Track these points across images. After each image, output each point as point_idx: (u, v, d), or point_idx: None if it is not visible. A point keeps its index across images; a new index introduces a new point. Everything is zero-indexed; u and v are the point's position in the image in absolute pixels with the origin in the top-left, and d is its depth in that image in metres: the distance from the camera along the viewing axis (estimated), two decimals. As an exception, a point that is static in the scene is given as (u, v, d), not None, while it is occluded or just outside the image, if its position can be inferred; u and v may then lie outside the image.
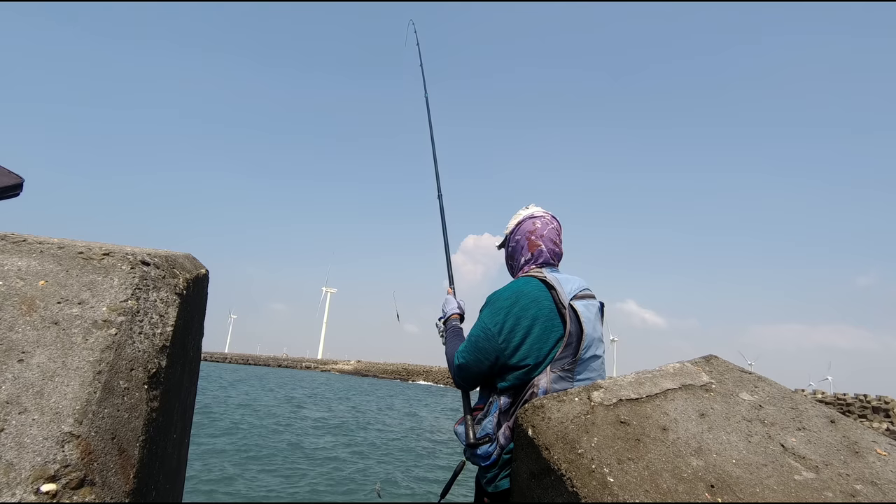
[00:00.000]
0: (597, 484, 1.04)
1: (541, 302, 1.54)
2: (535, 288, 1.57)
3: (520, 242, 1.77)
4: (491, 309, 1.57)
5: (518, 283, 1.62)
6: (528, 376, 1.51)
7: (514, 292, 1.57)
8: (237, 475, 8.34)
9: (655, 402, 1.23)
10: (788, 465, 1.04)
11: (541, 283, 1.59)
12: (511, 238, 1.81)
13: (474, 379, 1.62)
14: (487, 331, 1.54)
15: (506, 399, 1.54)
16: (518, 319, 1.52)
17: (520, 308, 1.53)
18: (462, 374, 1.62)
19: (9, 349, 1.03)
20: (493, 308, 1.57)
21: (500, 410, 1.53)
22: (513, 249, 1.79)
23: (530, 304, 1.53)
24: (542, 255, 1.73)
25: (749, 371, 1.38)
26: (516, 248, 1.78)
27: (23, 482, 0.86)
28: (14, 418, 0.93)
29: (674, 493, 0.98)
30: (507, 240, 1.84)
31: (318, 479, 8.63)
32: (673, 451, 1.08)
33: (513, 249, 1.79)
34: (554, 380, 1.50)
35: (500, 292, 1.60)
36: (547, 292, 1.56)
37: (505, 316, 1.53)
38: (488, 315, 1.56)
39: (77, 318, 1.12)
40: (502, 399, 1.54)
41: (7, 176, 1.36)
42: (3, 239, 1.27)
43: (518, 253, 1.77)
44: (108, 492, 0.97)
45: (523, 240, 1.76)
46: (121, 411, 1.06)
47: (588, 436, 1.15)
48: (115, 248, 1.35)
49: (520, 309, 1.53)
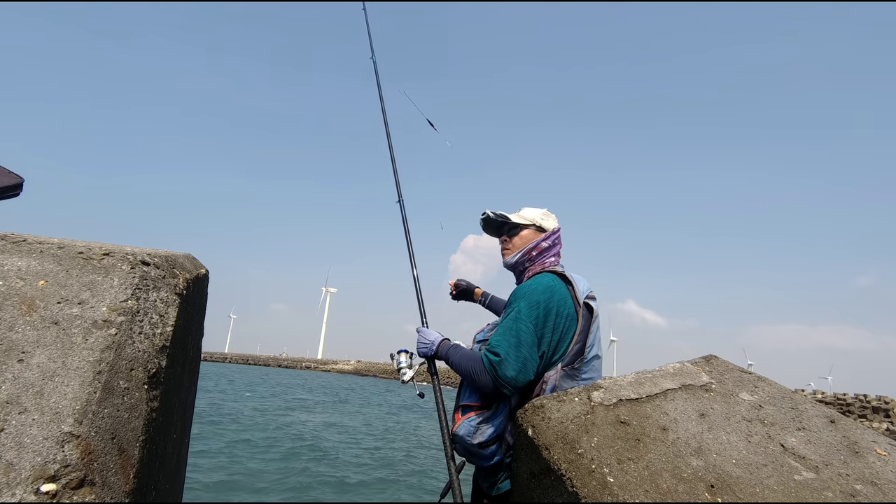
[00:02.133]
0: (597, 484, 1.04)
1: (567, 299, 1.59)
2: (561, 285, 1.62)
3: (557, 244, 1.81)
4: (528, 302, 1.55)
5: (546, 277, 1.64)
6: (543, 371, 1.53)
7: (548, 287, 1.59)
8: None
9: (655, 402, 1.23)
10: (788, 465, 1.04)
11: (562, 280, 1.64)
12: (552, 236, 1.81)
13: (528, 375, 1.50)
14: (528, 325, 1.52)
15: (516, 398, 1.53)
16: (553, 314, 1.54)
17: (555, 303, 1.55)
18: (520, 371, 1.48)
19: (9, 349, 1.03)
20: (529, 301, 1.55)
21: (511, 408, 1.52)
22: (549, 246, 1.80)
23: (562, 301, 1.57)
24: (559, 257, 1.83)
25: (749, 371, 1.38)
26: (552, 247, 1.80)
27: (23, 482, 0.86)
28: (14, 418, 0.93)
29: (674, 493, 0.98)
30: (546, 234, 1.81)
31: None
32: (673, 451, 1.08)
33: (549, 246, 1.80)
34: (562, 377, 1.52)
35: (533, 286, 1.60)
36: (565, 288, 1.62)
37: (543, 310, 1.53)
38: (526, 308, 1.54)
39: (77, 318, 1.12)
40: (513, 398, 1.53)
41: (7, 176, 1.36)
42: (3, 239, 1.27)
43: (552, 251, 1.80)
44: (108, 492, 0.97)
45: (560, 244, 1.83)
46: (121, 411, 1.06)
47: (588, 436, 1.15)
48: (115, 248, 1.35)
49: (554, 304, 1.55)
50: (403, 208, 2.28)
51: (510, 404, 1.52)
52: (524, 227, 1.81)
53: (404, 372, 1.80)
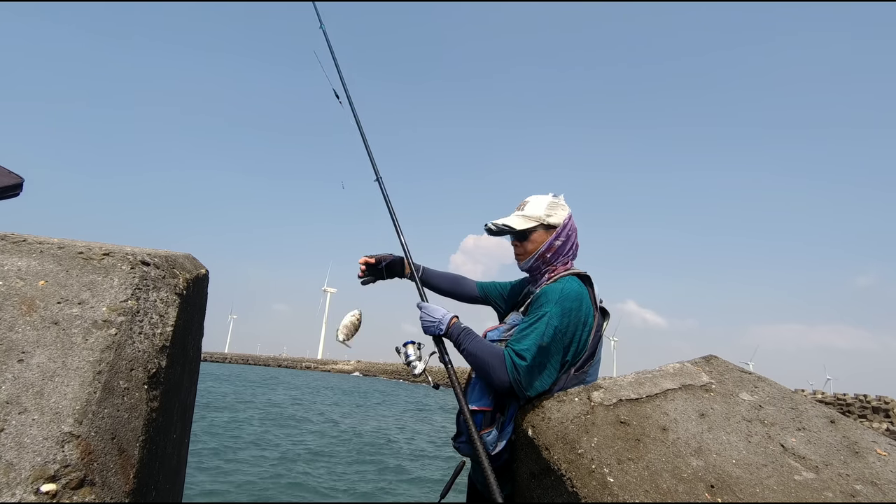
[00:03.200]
0: (597, 484, 1.04)
1: (590, 308, 1.57)
2: (585, 291, 1.58)
3: (571, 238, 1.70)
4: (561, 308, 1.49)
5: (575, 283, 1.58)
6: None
7: (579, 294, 1.54)
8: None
9: (655, 402, 1.23)
10: (788, 465, 1.04)
11: (583, 283, 1.60)
12: (564, 231, 1.68)
13: (546, 385, 1.47)
14: (560, 331, 1.47)
15: (523, 399, 1.49)
16: (580, 323, 1.52)
17: (582, 313, 1.53)
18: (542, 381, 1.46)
19: (9, 349, 1.03)
20: (563, 307, 1.49)
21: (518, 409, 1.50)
22: (563, 244, 1.68)
23: (588, 310, 1.55)
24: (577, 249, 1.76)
25: (749, 371, 1.38)
26: (567, 243, 1.69)
27: (23, 482, 0.86)
28: (14, 418, 0.93)
29: (674, 494, 0.99)
30: (557, 231, 1.68)
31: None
32: (673, 452, 1.08)
33: (563, 244, 1.68)
34: (571, 379, 1.51)
35: (566, 292, 1.53)
36: (588, 295, 1.59)
37: (573, 318, 1.50)
38: (559, 315, 1.48)
39: (77, 318, 1.12)
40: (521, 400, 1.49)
41: (7, 176, 1.36)
42: (3, 239, 1.27)
43: (568, 248, 1.70)
44: (108, 492, 0.97)
45: (574, 235, 1.72)
46: (121, 411, 1.06)
47: (588, 436, 1.15)
48: (115, 248, 1.35)
49: (582, 313, 1.52)
50: (383, 185, 2.20)
51: (518, 406, 1.51)
52: (532, 230, 1.68)
53: (414, 365, 1.65)
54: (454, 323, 1.63)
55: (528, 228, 1.67)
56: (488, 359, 1.47)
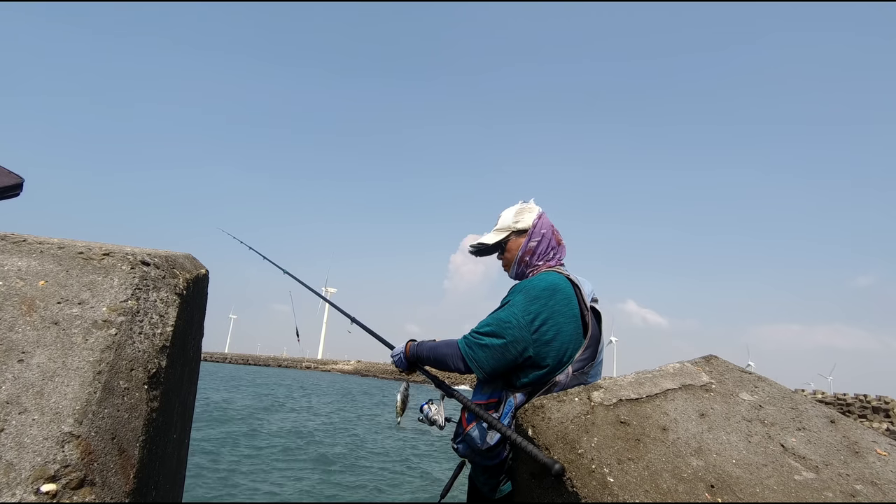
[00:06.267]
0: (597, 484, 1.04)
1: (572, 301, 1.51)
2: (566, 285, 1.53)
3: (546, 236, 1.69)
4: (525, 297, 1.47)
5: (552, 276, 1.54)
6: (548, 376, 1.48)
7: (552, 285, 1.50)
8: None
9: (655, 402, 1.23)
10: (788, 465, 1.04)
11: (569, 282, 1.55)
12: (535, 231, 1.69)
13: (493, 368, 1.48)
14: (519, 318, 1.45)
15: (522, 396, 1.48)
16: (552, 314, 1.46)
17: (556, 303, 1.48)
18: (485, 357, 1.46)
19: (9, 349, 1.03)
20: (527, 296, 1.47)
21: (516, 408, 1.48)
22: (538, 244, 1.68)
23: (566, 302, 1.49)
24: (563, 251, 1.72)
25: (749, 371, 1.38)
26: (542, 242, 1.68)
27: (23, 482, 0.86)
28: (14, 418, 0.93)
29: (674, 493, 0.99)
30: (528, 233, 1.69)
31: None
32: (673, 452, 1.08)
33: (538, 244, 1.68)
34: (572, 379, 1.50)
35: (534, 282, 1.52)
36: (572, 289, 1.54)
37: (541, 307, 1.46)
38: (522, 302, 1.46)
39: (77, 318, 1.12)
40: (518, 396, 1.48)
41: (7, 176, 1.36)
42: (3, 239, 1.27)
43: (544, 246, 1.68)
44: (108, 492, 0.97)
45: (549, 233, 1.69)
46: (121, 411, 1.06)
47: (588, 436, 1.15)
48: (115, 248, 1.35)
49: (556, 304, 1.48)
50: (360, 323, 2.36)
51: (516, 402, 1.50)
52: (506, 240, 1.71)
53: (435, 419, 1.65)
54: (410, 344, 1.71)
55: (502, 240, 1.72)
56: (444, 349, 1.56)
